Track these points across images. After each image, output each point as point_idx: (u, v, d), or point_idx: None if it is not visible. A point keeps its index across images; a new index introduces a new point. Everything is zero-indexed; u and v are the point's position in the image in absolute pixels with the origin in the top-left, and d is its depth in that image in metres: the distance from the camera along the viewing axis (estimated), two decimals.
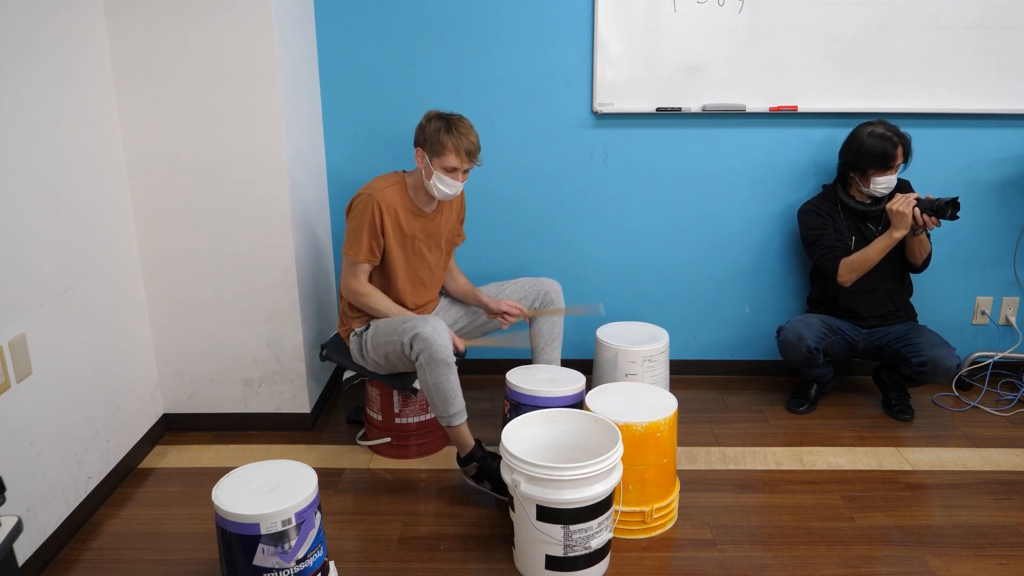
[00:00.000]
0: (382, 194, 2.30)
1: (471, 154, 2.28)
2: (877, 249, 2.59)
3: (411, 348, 2.19)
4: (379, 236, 2.31)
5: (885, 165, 2.58)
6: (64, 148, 2.11)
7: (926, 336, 2.67)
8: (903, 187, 2.72)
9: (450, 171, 2.28)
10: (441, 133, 2.25)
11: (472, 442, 2.29)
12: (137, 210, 2.48)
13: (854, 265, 2.64)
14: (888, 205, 2.56)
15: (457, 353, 2.27)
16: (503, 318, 2.53)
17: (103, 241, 2.31)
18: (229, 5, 2.31)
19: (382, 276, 2.41)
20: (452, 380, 2.21)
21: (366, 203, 2.29)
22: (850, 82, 2.79)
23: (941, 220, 2.51)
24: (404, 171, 2.43)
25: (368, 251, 2.32)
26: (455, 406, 2.23)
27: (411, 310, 2.43)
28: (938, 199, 2.51)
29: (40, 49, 2.00)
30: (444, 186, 2.30)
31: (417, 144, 2.32)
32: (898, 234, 2.54)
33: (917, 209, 2.52)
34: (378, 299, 2.36)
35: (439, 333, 2.17)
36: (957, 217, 2.47)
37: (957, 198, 2.47)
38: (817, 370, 2.77)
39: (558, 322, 2.59)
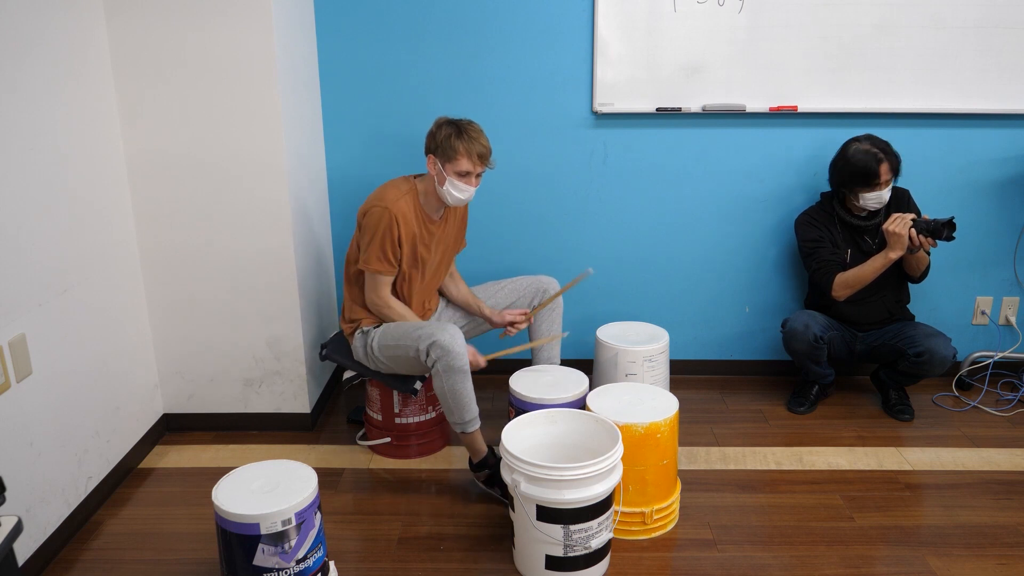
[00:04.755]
0: (398, 206, 2.28)
1: (483, 157, 2.28)
2: (873, 268, 2.59)
3: (427, 355, 2.19)
4: (398, 247, 2.31)
5: (869, 182, 2.57)
6: (64, 148, 2.11)
7: (921, 328, 2.69)
8: (902, 198, 2.72)
9: (463, 176, 2.28)
10: (452, 139, 2.24)
11: (485, 449, 2.30)
12: (137, 210, 2.48)
13: (849, 282, 2.64)
14: (884, 226, 2.55)
15: (477, 367, 2.31)
16: (509, 328, 2.53)
17: (103, 241, 2.31)
18: (229, 5, 2.31)
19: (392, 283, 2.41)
20: (468, 387, 2.22)
21: (382, 216, 2.27)
22: (850, 82, 2.79)
23: (937, 241, 2.52)
24: (414, 176, 2.41)
25: (390, 263, 2.31)
26: (470, 413, 2.24)
27: (420, 316, 2.45)
28: (934, 220, 2.51)
29: (40, 48, 2.00)
30: (457, 191, 2.29)
31: (428, 151, 2.31)
32: (894, 255, 2.55)
33: (913, 230, 2.52)
34: (403, 312, 2.36)
35: (457, 342, 2.18)
36: (953, 238, 2.49)
37: (953, 219, 2.48)
38: (819, 367, 2.77)
39: (557, 320, 2.60)
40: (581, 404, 2.33)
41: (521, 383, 2.38)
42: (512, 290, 2.59)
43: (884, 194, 2.60)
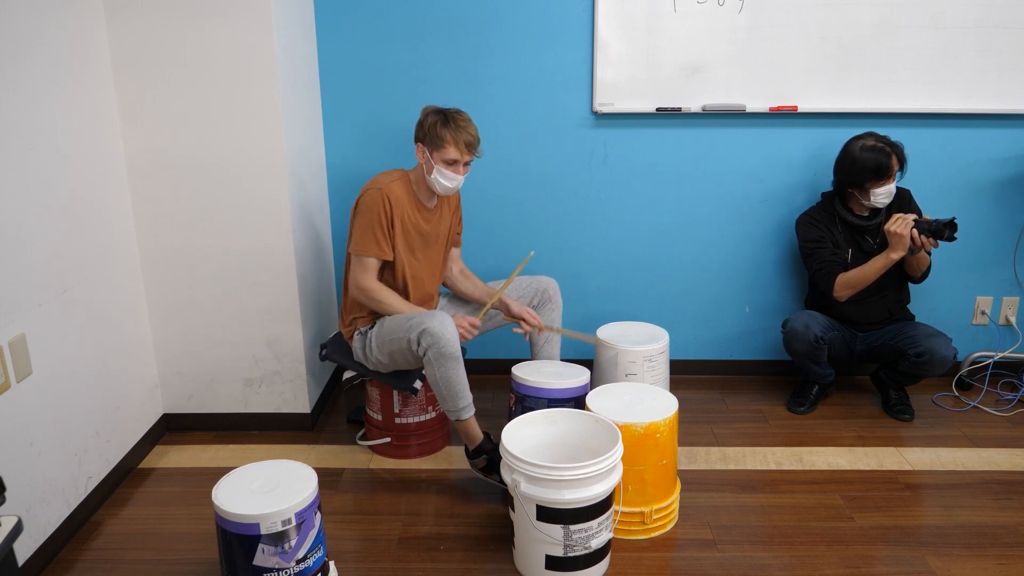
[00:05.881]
0: (390, 188, 2.31)
1: (471, 146, 2.28)
2: (874, 268, 2.60)
3: (418, 344, 2.19)
4: (388, 230, 2.31)
5: (881, 176, 2.58)
6: (64, 147, 2.11)
7: (921, 328, 2.69)
8: (903, 197, 2.73)
9: (450, 164, 2.29)
10: (439, 127, 2.26)
11: (481, 435, 2.30)
12: (137, 209, 2.48)
13: (850, 282, 2.65)
14: (886, 226, 2.55)
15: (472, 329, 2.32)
16: (521, 324, 2.51)
17: (103, 241, 2.31)
18: (229, 5, 2.31)
19: (385, 272, 2.41)
20: (460, 374, 2.22)
21: (375, 197, 2.29)
22: (850, 82, 2.79)
23: (939, 241, 2.52)
24: (405, 169, 2.43)
25: (379, 246, 2.31)
26: (463, 400, 2.24)
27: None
28: (936, 220, 2.51)
29: (40, 48, 2.00)
30: (445, 179, 2.30)
31: (417, 140, 2.33)
32: (895, 255, 2.55)
33: (915, 231, 2.52)
34: (389, 296, 2.35)
35: (446, 327, 2.18)
36: (955, 238, 2.49)
37: (954, 219, 2.48)
38: (819, 367, 2.77)
39: (557, 320, 2.60)
40: (583, 393, 2.34)
41: (524, 370, 2.41)
42: (511, 289, 2.59)
43: (893, 187, 2.62)
